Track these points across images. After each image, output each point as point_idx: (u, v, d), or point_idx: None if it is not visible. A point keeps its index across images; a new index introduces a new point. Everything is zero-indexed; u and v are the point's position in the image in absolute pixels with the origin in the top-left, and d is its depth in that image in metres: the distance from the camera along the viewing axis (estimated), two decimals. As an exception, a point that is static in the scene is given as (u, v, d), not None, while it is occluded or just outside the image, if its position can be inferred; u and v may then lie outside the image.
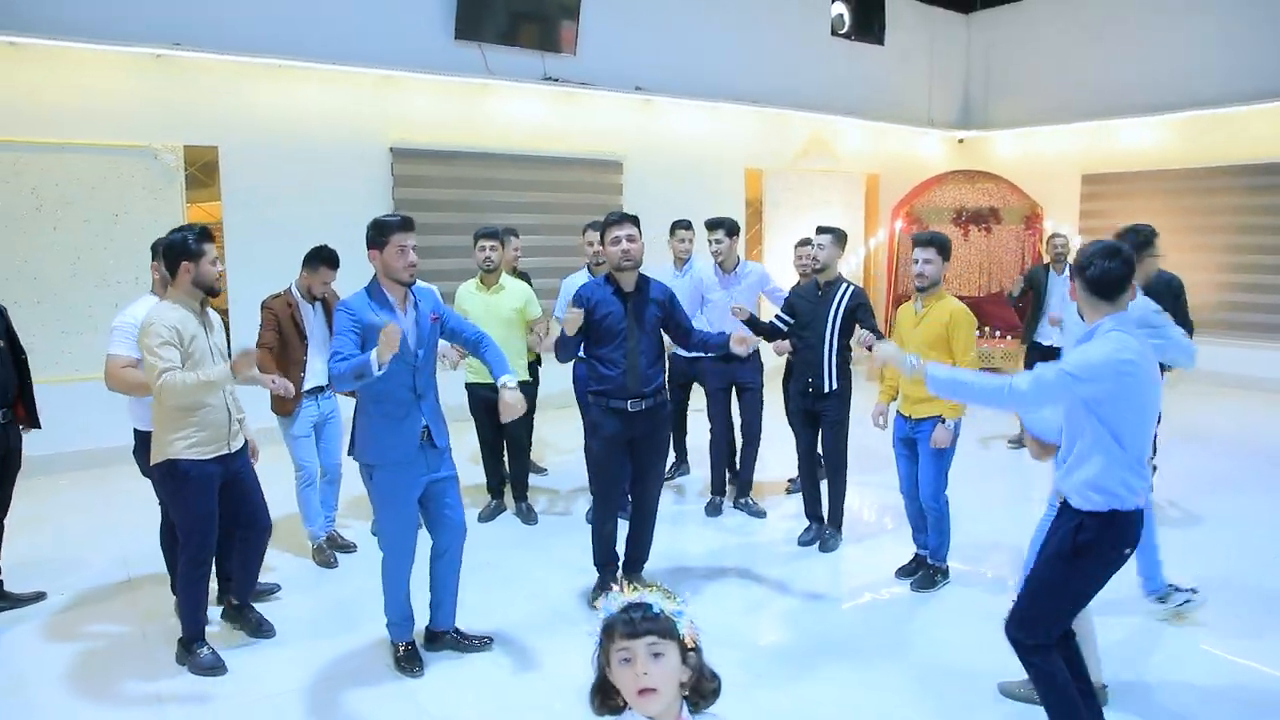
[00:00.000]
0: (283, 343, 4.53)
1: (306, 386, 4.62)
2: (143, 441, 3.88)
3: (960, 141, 12.42)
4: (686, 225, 5.73)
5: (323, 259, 4.65)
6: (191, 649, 3.61)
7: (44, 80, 6.41)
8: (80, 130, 6.53)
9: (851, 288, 4.83)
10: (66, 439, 5.99)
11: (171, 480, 3.51)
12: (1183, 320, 5.12)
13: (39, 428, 4.23)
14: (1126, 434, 2.72)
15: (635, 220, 4.10)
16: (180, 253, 3.47)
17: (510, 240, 5.79)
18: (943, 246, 4.26)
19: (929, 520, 4.45)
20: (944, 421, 4.23)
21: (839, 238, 4.88)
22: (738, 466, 5.67)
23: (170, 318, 3.41)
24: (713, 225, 5.36)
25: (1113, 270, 2.75)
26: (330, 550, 4.86)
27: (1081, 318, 2.97)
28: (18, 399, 4.12)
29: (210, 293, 3.59)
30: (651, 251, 6.04)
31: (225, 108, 7.10)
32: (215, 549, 3.68)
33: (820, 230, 4.90)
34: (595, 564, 4.35)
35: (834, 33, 10.81)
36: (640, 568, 4.35)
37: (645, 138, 9.40)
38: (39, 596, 4.27)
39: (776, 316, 4.98)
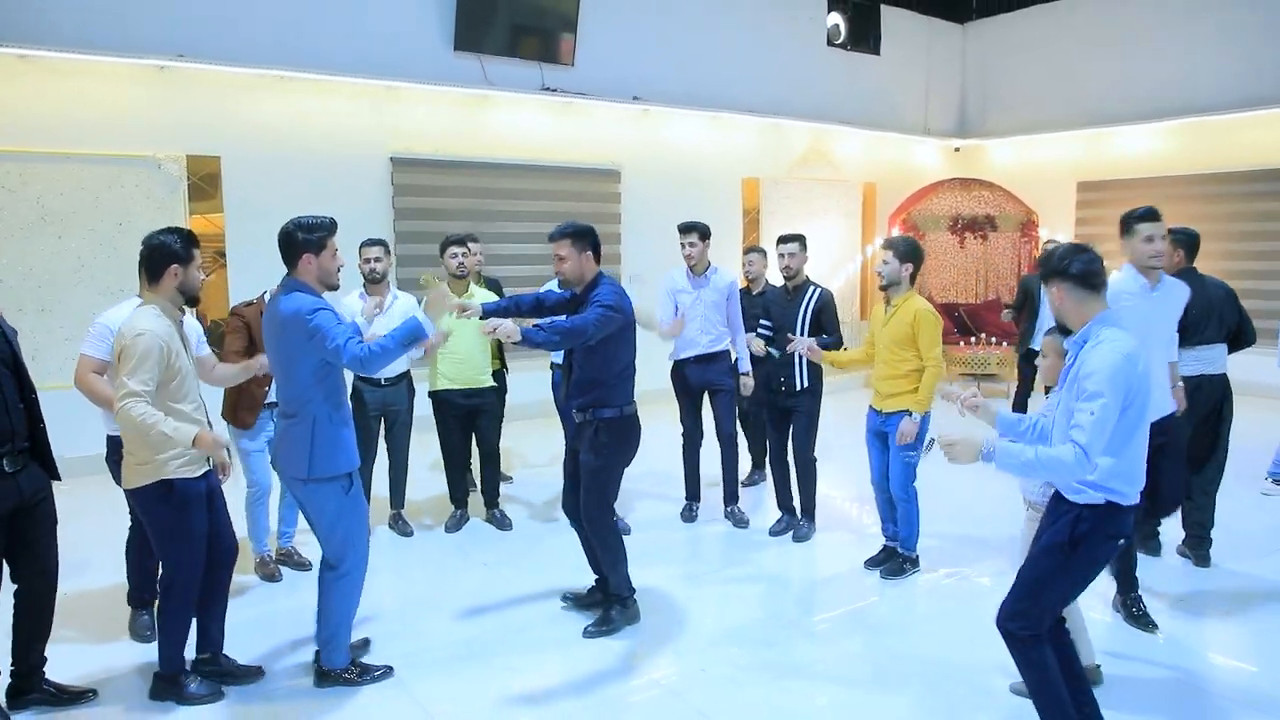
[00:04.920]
0: (251, 351, 4.28)
1: (270, 399, 4.41)
2: (114, 447, 3.70)
3: (956, 150, 12.50)
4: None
5: None
6: (177, 682, 3.39)
7: (50, 91, 6.52)
8: (85, 141, 6.64)
9: (819, 290, 5.09)
10: (70, 444, 6.02)
11: (165, 503, 3.23)
12: (1246, 328, 5.07)
13: (58, 479, 3.39)
14: (1126, 433, 2.70)
15: (574, 235, 3.87)
16: (168, 255, 3.23)
17: (472, 246, 5.56)
18: (898, 248, 4.43)
19: (898, 511, 4.58)
20: (910, 414, 4.36)
21: (803, 244, 5.17)
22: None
23: (159, 329, 3.14)
24: (686, 229, 5.42)
25: (1094, 261, 2.81)
26: (276, 564, 4.71)
27: (1061, 331, 3.05)
28: (32, 444, 3.25)
29: (192, 301, 3.40)
30: (643, 260, 6.11)
31: (228, 118, 7.20)
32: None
33: (787, 239, 5.18)
34: None
35: (830, 43, 10.93)
36: (608, 585, 4.06)
37: (643, 147, 9.50)
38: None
39: (759, 324, 5.29)
